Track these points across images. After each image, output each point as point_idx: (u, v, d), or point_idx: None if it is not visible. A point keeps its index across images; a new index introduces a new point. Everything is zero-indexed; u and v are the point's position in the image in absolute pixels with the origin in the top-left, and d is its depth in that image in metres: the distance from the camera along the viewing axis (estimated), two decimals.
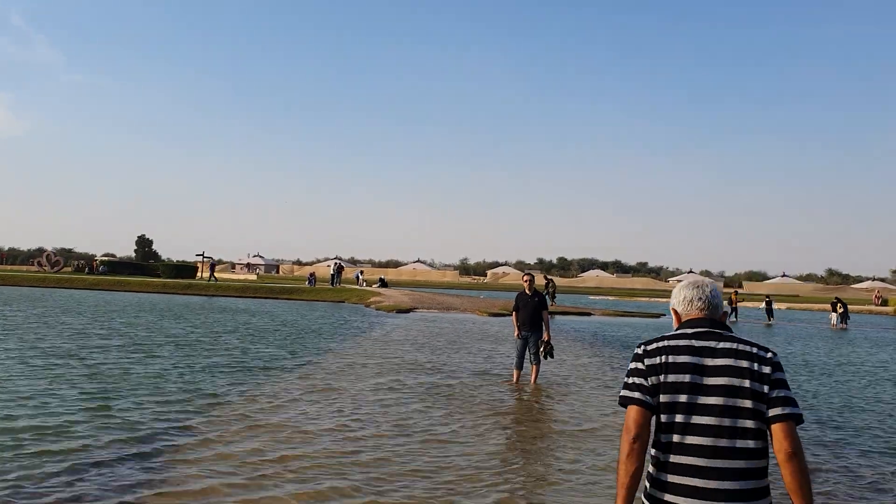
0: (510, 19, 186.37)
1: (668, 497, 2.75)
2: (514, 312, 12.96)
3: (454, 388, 12.09)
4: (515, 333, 12.84)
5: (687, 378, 2.78)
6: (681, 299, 3.08)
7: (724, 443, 2.70)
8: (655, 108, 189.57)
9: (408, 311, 36.34)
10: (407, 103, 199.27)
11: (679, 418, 2.77)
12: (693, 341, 2.86)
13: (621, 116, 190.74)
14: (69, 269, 76.77)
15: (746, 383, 2.74)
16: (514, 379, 12.82)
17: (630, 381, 2.89)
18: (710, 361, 2.80)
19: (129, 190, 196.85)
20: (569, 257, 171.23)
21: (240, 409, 9.58)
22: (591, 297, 77.61)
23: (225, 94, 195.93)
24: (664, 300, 79.21)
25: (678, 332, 2.97)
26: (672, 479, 2.75)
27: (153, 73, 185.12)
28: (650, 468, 2.88)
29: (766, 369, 2.77)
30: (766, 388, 2.74)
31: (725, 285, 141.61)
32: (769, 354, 2.82)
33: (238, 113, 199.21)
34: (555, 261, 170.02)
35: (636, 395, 2.84)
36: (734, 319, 41.39)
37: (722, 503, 2.65)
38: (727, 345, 2.84)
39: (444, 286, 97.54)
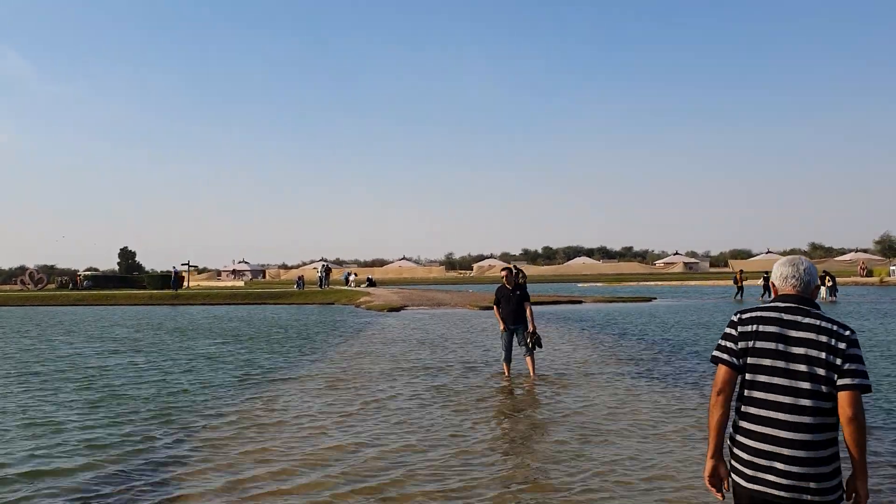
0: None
1: (747, 442, 3.25)
2: (495, 307, 12.86)
3: (449, 384, 11.98)
4: (501, 328, 12.74)
5: (772, 345, 3.24)
6: (778, 275, 3.49)
7: (800, 402, 3.16)
8: (632, 92, 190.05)
9: (399, 309, 36.21)
10: (389, 102, 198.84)
11: (762, 378, 3.24)
12: (783, 314, 3.31)
13: (599, 103, 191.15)
14: (53, 285, 76.11)
15: (823, 355, 3.16)
16: (506, 372, 12.72)
17: (722, 343, 3.38)
18: (794, 333, 3.24)
19: (110, 202, 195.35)
20: (554, 246, 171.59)
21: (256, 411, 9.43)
22: (580, 285, 77.78)
23: (205, 101, 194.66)
24: (653, 283, 79.64)
25: (772, 304, 3.41)
26: (752, 427, 3.25)
27: (127, 81, 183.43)
28: (735, 418, 3.36)
29: (842, 345, 3.17)
30: (839, 361, 3.15)
31: (711, 265, 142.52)
32: (847, 332, 3.21)
33: (219, 119, 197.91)
34: (540, 250, 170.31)
35: (725, 356, 3.35)
36: (740, 298, 41.65)
37: (792, 450, 3.13)
38: (811, 321, 3.26)
39: (431, 282, 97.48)
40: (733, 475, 3.32)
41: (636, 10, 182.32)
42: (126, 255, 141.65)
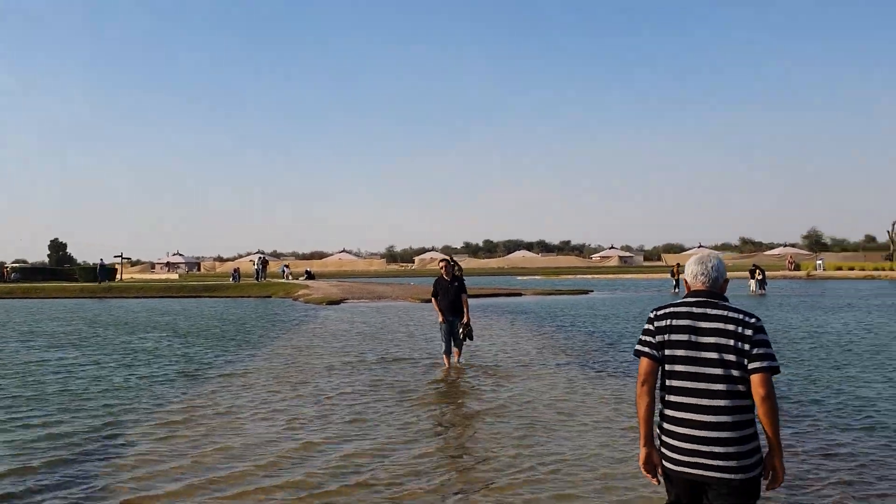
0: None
1: (672, 428, 3.51)
2: (433, 298, 13.06)
3: (391, 377, 11.98)
4: (440, 319, 12.85)
5: (685, 337, 3.52)
6: (689, 273, 3.75)
7: (713, 387, 3.43)
8: (566, 86, 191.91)
9: (338, 302, 36.01)
10: (320, 90, 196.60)
11: (679, 367, 3.52)
12: (693, 308, 3.58)
13: (534, 97, 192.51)
14: None
15: (731, 342, 3.42)
16: (446, 364, 12.86)
17: (643, 338, 3.67)
18: (704, 324, 3.50)
19: (38, 193, 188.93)
20: (494, 239, 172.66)
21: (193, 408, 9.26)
22: (520, 278, 78.46)
23: (142, 88, 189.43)
24: (591, 276, 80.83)
25: (683, 300, 3.67)
26: (674, 414, 3.51)
27: (63, 73, 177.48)
28: (661, 407, 3.60)
29: (749, 332, 3.43)
30: (747, 347, 3.40)
31: (645, 258, 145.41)
32: (752, 320, 3.47)
33: (152, 109, 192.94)
34: (481, 244, 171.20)
35: (646, 349, 3.62)
36: (677, 291, 42.61)
37: (712, 432, 3.39)
38: (719, 312, 3.52)
39: (372, 275, 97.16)
40: (664, 461, 3.55)
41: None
42: (57, 247, 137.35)
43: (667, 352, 3.56)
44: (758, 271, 40.58)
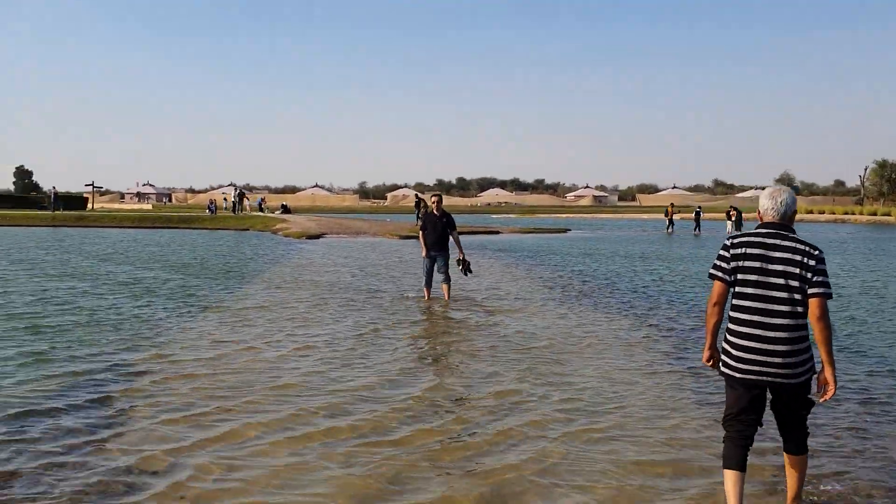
0: None
1: (740, 341, 4.07)
2: (421, 232, 13.27)
3: (383, 311, 12.01)
4: (423, 253, 13.15)
5: (757, 264, 4.06)
6: (761, 206, 4.23)
7: (778, 307, 4.00)
8: (548, 25, 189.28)
9: (317, 236, 35.81)
10: (307, 17, 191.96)
11: (749, 290, 4.07)
12: (765, 239, 4.10)
13: (517, 37, 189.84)
14: None
15: (797, 270, 3.98)
16: (426, 297, 13.21)
17: (717, 263, 4.20)
18: (774, 254, 4.04)
19: (3, 118, 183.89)
20: (468, 177, 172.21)
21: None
22: (494, 216, 78.48)
23: (111, 15, 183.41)
24: (565, 216, 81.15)
25: (756, 230, 4.18)
26: (742, 329, 4.07)
27: None
28: (728, 322, 4.18)
29: (812, 262, 3.97)
30: (809, 275, 3.96)
31: (619, 198, 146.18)
32: (816, 252, 4.01)
33: (120, 32, 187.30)
34: (454, 181, 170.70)
35: (719, 273, 4.17)
36: (671, 231, 43.11)
37: (774, 345, 3.98)
38: (788, 243, 4.04)
39: (345, 211, 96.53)
40: (730, 369, 4.13)
41: None
42: (22, 175, 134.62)
43: (739, 276, 4.10)
44: (734, 212, 41.01)
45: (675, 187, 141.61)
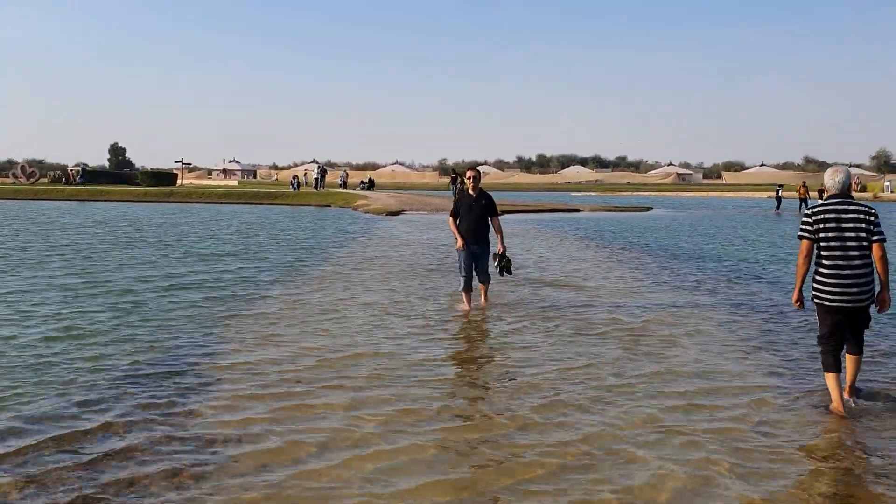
0: None
1: (829, 280, 5.71)
2: (451, 218, 10.25)
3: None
4: (458, 244, 10.03)
5: (833, 224, 5.69)
6: (826, 183, 5.89)
7: (851, 254, 5.65)
8: (630, 3, 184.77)
9: (397, 213, 36.16)
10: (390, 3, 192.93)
11: (832, 244, 5.69)
12: (837, 206, 5.75)
13: (598, 9, 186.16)
14: (45, 179, 75.44)
15: (863, 224, 5.65)
16: (466, 305, 10.11)
17: (802, 227, 5.81)
18: (845, 216, 5.70)
19: (100, 97, 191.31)
20: (548, 154, 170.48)
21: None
22: (573, 194, 77.71)
23: (198, 4, 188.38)
24: (646, 194, 79.75)
25: (828, 201, 5.81)
26: (830, 272, 5.71)
27: None
28: (815, 273, 5.84)
29: (872, 217, 5.67)
30: (872, 227, 5.64)
31: (704, 176, 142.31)
32: (873, 210, 5.73)
33: (205, 19, 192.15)
34: (534, 158, 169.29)
35: (806, 234, 5.78)
36: (779, 211, 42.01)
37: (853, 280, 5.64)
38: (853, 207, 5.73)
39: (424, 187, 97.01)
40: (824, 301, 5.75)
41: None
42: (116, 152, 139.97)
43: (820, 235, 5.70)
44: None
45: (763, 164, 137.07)
